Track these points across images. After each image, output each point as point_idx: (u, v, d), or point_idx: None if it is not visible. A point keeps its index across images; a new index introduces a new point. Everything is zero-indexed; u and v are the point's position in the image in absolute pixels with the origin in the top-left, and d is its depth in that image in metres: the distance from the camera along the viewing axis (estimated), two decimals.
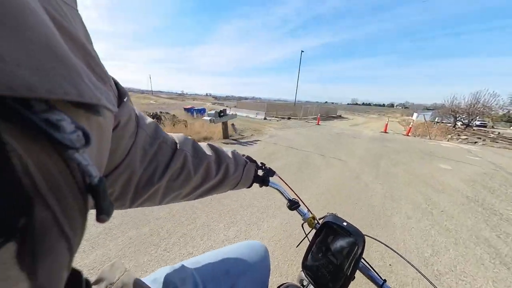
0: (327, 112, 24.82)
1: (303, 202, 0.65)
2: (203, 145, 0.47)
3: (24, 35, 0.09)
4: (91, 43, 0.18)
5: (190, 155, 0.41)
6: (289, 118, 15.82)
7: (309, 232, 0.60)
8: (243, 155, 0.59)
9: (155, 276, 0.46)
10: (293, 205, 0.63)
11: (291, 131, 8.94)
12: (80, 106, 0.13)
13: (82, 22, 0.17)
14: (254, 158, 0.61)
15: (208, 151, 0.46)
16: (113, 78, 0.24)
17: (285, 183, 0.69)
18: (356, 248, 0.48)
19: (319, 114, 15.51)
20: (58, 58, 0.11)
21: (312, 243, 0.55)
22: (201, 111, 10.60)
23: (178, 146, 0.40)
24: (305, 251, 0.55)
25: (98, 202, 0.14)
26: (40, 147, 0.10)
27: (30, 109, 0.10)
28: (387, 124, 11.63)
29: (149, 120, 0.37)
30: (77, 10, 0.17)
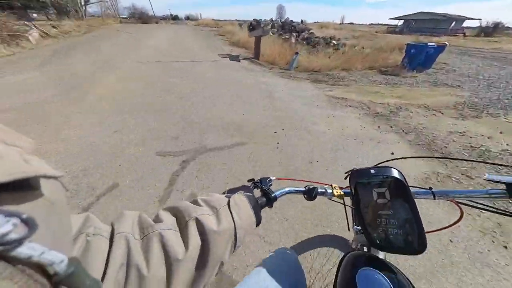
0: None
1: (315, 182, 0.59)
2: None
3: None
4: None
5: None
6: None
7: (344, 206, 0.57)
8: (224, 193, 0.42)
9: None
10: (311, 193, 0.54)
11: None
12: (4, 189, 0.11)
13: None
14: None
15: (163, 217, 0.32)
16: None
17: (288, 179, 0.67)
18: (402, 183, 0.45)
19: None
20: None
21: (358, 212, 0.49)
22: None
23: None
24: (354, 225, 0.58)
25: None
26: None
27: None
28: None
29: None
30: None
